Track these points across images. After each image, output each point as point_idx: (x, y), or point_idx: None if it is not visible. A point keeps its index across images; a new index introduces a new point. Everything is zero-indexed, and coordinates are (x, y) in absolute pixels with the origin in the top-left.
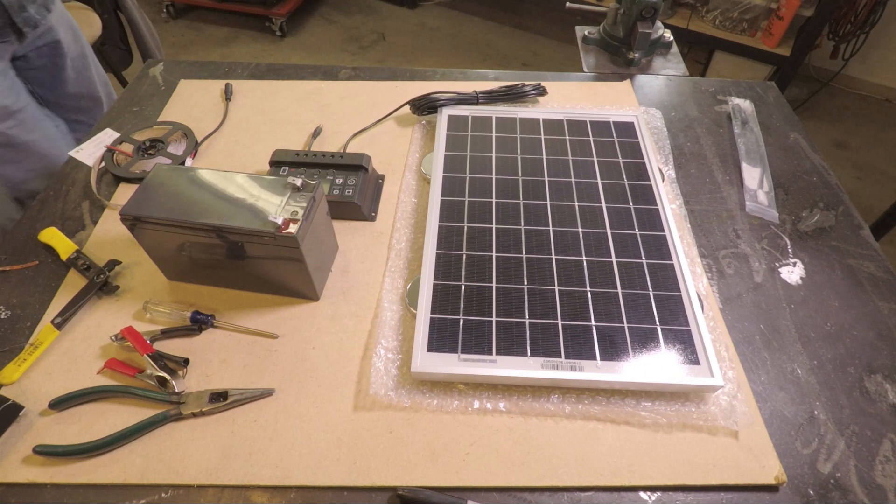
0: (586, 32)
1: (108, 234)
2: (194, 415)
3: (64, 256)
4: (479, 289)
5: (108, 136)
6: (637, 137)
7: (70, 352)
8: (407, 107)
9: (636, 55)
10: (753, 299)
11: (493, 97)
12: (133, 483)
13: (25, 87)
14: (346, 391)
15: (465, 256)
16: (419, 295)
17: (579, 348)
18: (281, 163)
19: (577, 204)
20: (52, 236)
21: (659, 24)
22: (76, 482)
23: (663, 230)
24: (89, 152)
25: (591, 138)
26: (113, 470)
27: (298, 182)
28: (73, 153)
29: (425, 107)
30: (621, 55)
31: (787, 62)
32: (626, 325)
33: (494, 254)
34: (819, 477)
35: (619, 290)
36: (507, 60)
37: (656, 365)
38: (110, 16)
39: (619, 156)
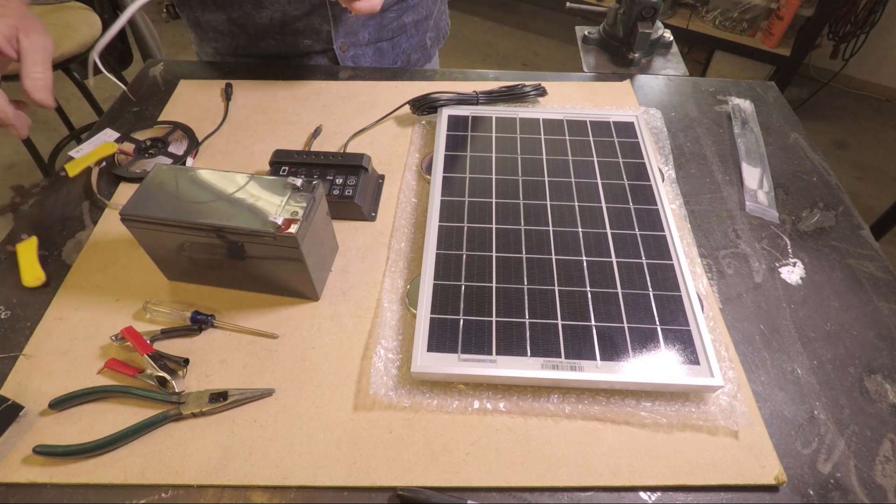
0: (586, 32)
1: (109, 235)
2: (194, 415)
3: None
4: (479, 289)
5: (108, 136)
6: (637, 137)
7: (70, 352)
8: (407, 107)
9: (636, 55)
10: (753, 299)
11: (493, 97)
12: (133, 483)
13: None
14: (346, 391)
15: (465, 256)
16: (419, 295)
17: (579, 348)
18: (281, 163)
19: (577, 204)
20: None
21: (659, 24)
22: (76, 482)
23: (663, 230)
24: (88, 152)
25: (591, 138)
26: (113, 470)
27: (298, 182)
28: (72, 153)
29: (425, 107)
30: (621, 55)
31: (787, 62)
32: (626, 325)
33: (494, 254)
34: (819, 477)
35: (619, 290)
36: (507, 60)
37: (656, 365)
38: (110, 16)
39: (619, 156)
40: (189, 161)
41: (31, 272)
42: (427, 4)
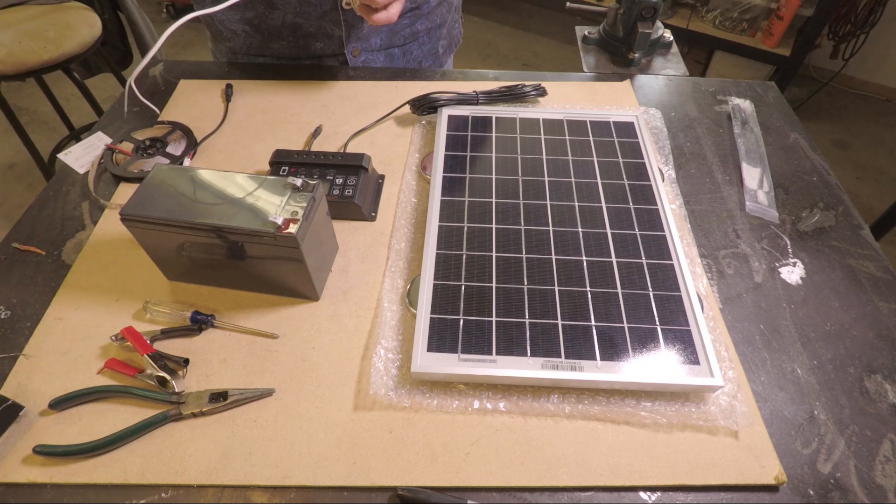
0: (586, 32)
1: (108, 234)
2: (194, 415)
3: None
4: (479, 289)
5: (98, 139)
6: (637, 137)
7: (70, 352)
8: (407, 107)
9: (636, 55)
10: (753, 299)
11: (492, 97)
12: (133, 483)
13: None
14: (346, 391)
15: (465, 256)
16: (419, 295)
17: (579, 348)
18: (281, 163)
19: (577, 204)
20: None
21: (659, 24)
22: (76, 482)
23: (663, 230)
24: (77, 155)
25: (591, 138)
26: (113, 470)
27: (298, 182)
28: (61, 156)
29: (425, 107)
30: (621, 55)
31: (787, 62)
32: (626, 325)
33: (494, 254)
34: (819, 477)
35: (619, 290)
36: (507, 60)
37: (656, 365)
38: (110, 16)
39: (619, 156)
40: (186, 161)
41: None
42: (441, 13)
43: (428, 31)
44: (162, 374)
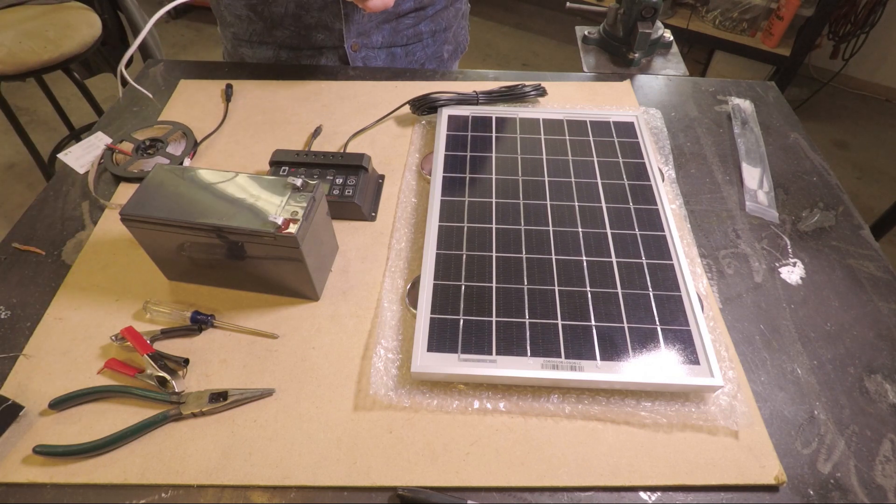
0: (586, 32)
1: (109, 234)
2: (194, 415)
3: None
4: (479, 289)
5: (98, 139)
6: (637, 137)
7: (70, 352)
8: (407, 107)
9: (636, 55)
10: (753, 299)
11: (493, 97)
12: (133, 483)
13: None
14: (346, 391)
15: (465, 256)
16: (419, 295)
17: (579, 348)
18: (281, 163)
19: (577, 204)
20: None
21: (659, 24)
22: (76, 482)
23: (663, 230)
24: (77, 155)
25: (591, 138)
26: (113, 470)
27: (298, 182)
28: (61, 156)
29: (425, 107)
30: (621, 55)
31: (787, 62)
32: (626, 325)
33: (494, 254)
34: (819, 477)
35: (619, 290)
36: (507, 60)
37: (656, 365)
38: (110, 16)
39: (619, 156)
40: (187, 161)
41: None
42: (447, 16)
43: (432, 34)
44: (162, 374)
